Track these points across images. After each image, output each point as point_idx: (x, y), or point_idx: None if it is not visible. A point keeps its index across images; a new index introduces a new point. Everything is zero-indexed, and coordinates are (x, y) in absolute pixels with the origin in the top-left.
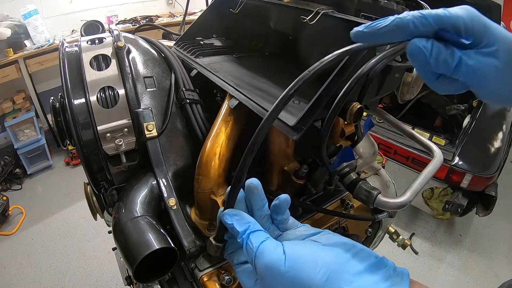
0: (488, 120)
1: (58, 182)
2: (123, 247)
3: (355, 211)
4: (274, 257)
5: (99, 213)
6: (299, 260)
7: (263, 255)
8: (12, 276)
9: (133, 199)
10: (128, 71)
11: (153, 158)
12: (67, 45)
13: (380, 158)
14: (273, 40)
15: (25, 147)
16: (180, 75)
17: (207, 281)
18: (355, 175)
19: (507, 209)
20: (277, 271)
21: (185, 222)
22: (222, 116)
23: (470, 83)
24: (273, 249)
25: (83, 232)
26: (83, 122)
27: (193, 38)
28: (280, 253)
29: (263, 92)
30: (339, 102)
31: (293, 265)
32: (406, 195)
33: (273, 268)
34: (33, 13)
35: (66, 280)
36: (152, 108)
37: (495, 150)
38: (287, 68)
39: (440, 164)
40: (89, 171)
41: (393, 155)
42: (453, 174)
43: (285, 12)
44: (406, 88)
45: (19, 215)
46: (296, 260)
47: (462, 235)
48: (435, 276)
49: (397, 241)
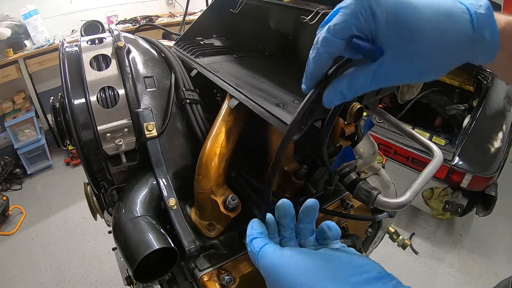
0: (488, 120)
1: (58, 182)
2: (123, 247)
3: (355, 211)
4: (270, 259)
5: (99, 213)
6: (291, 264)
7: (263, 257)
8: (12, 276)
9: (133, 199)
10: (128, 71)
11: (153, 158)
12: (67, 45)
13: (380, 158)
14: (273, 40)
15: (25, 147)
16: (180, 75)
17: (207, 281)
18: (355, 175)
19: (507, 209)
20: (274, 273)
21: (185, 222)
22: (222, 116)
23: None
24: (272, 251)
25: (83, 232)
26: (83, 122)
27: (193, 38)
28: (277, 256)
29: (263, 92)
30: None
31: (285, 270)
32: (406, 195)
33: (271, 270)
34: (33, 13)
35: (66, 280)
36: (152, 108)
37: (495, 150)
38: (287, 68)
39: (440, 164)
40: (89, 171)
41: (393, 155)
42: (453, 174)
43: (285, 12)
44: (406, 88)
45: (19, 215)
46: (288, 264)
47: (462, 235)
48: (435, 276)
49: (397, 241)
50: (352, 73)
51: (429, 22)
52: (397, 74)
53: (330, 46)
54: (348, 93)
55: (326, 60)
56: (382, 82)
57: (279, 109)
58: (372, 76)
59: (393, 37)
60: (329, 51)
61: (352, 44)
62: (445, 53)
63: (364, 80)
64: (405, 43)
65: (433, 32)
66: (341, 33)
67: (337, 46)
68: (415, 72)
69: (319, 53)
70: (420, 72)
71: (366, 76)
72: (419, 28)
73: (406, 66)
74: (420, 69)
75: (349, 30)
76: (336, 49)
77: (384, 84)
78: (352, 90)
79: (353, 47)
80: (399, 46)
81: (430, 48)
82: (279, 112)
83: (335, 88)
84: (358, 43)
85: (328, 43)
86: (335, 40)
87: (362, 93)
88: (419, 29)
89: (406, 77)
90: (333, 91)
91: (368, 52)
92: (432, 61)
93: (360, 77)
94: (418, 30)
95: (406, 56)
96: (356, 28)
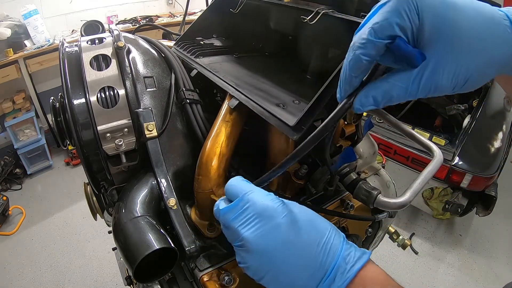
0: (488, 120)
1: (58, 182)
2: (123, 247)
3: (355, 211)
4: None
5: (99, 213)
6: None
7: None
8: (12, 276)
9: (133, 199)
10: (128, 71)
11: (153, 158)
12: (67, 45)
13: (380, 158)
14: (273, 40)
15: (25, 147)
16: (180, 75)
17: (207, 281)
18: (355, 175)
19: (507, 209)
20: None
21: (185, 222)
22: (222, 116)
23: None
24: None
25: (83, 232)
26: (83, 122)
27: (193, 38)
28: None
29: (263, 92)
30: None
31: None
32: (406, 195)
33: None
34: (33, 13)
35: (66, 280)
36: (152, 108)
37: (495, 150)
38: (287, 68)
39: (440, 164)
40: (89, 171)
41: (393, 155)
42: (453, 174)
43: (285, 12)
44: None
45: (19, 215)
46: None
47: (462, 235)
48: (435, 276)
49: (397, 241)
50: (389, 78)
51: (475, 27)
52: (437, 83)
53: (369, 47)
54: (382, 101)
55: (364, 65)
56: (421, 92)
57: (279, 109)
58: (411, 84)
59: (439, 41)
60: (368, 53)
61: (395, 45)
62: (490, 61)
63: (402, 87)
64: (450, 48)
65: (478, 38)
66: (382, 32)
67: (377, 47)
68: (456, 82)
69: (356, 55)
70: (463, 81)
71: (404, 83)
72: (468, 33)
73: (449, 75)
74: (463, 78)
75: (391, 29)
76: (376, 51)
77: (422, 94)
78: (386, 98)
79: (395, 49)
80: (444, 52)
81: (475, 55)
82: (279, 112)
83: (367, 94)
84: (401, 44)
85: (367, 44)
86: (375, 40)
87: (397, 103)
88: (468, 34)
89: (446, 88)
90: (365, 97)
91: (411, 56)
92: (475, 71)
93: (398, 83)
94: (466, 35)
95: (450, 63)
96: (398, 28)
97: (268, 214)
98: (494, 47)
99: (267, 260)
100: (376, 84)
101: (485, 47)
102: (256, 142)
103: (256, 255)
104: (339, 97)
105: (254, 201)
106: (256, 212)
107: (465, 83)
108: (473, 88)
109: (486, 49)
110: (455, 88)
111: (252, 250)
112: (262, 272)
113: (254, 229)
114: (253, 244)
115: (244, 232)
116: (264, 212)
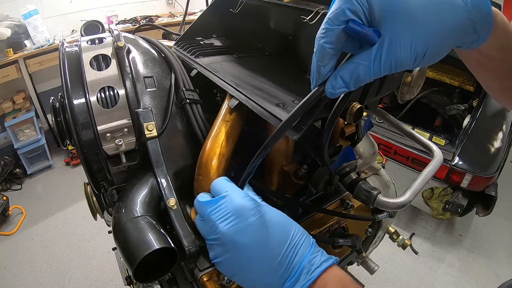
0: (488, 120)
1: (58, 182)
2: (123, 247)
3: (355, 211)
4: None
5: (99, 213)
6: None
7: None
8: (12, 276)
9: (133, 199)
10: (128, 71)
11: (153, 158)
12: (67, 45)
13: (380, 158)
14: (273, 40)
15: (25, 147)
16: (180, 75)
17: (207, 281)
18: (355, 175)
19: (507, 209)
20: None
21: (185, 222)
22: (222, 116)
23: None
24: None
25: (83, 232)
26: (83, 122)
27: (193, 38)
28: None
29: (263, 92)
30: (341, 103)
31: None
32: (406, 195)
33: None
34: (33, 13)
35: (66, 280)
36: (152, 108)
37: (495, 150)
38: (287, 68)
39: (440, 164)
40: (89, 171)
41: (393, 155)
42: (453, 174)
43: (285, 12)
44: (406, 88)
45: (19, 215)
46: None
47: (462, 235)
48: (435, 276)
49: (397, 241)
50: (353, 59)
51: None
52: (397, 57)
53: (329, 35)
54: (350, 81)
55: (328, 53)
56: (384, 68)
57: (279, 109)
58: (373, 61)
59: (390, 17)
60: (330, 41)
61: (349, 28)
62: (444, 30)
63: (366, 65)
64: (402, 23)
65: (429, 9)
66: (337, 19)
67: (336, 34)
68: (415, 54)
69: (320, 45)
70: (422, 52)
71: (367, 61)
72: (415, 6)
73: (406, 48)
74: (421, 50)
75: (344, 14)
76: (336, 37)
77: (386, 70)
78: (353, 78)
79: (351, 32)
80: (396, 27)
81: (428, 26)
82: (279, 112)
83: (336, 75)
84: (353, 27)
85: (327, 33)
86: (332, 27)
87: (365, 83)
88: (415, 6)
89: (406, 61)
90: (334, 79)
91: (364, 35)
92: (431, 39)
93: (361, 62)
94: (414, 7)
95: (404, 36)
96: (350, 11)
97: (243, 213)
98: (446, 15)
99: (239, 255)
100: (343, 66)
101: (437, 16)
102: (256, 142)
103: (229, 249)
104: (312, 87)
105: (232, 200)
106: (232, 209)
107: (425, 55)
108: (435, 60)
109: (438, 18)
110: (416, 61)
111: (227, 244)
112: (234, 267)
113: (230, 225)
114: (228, 238)
115: (222, 227)
116: (240, 210)
